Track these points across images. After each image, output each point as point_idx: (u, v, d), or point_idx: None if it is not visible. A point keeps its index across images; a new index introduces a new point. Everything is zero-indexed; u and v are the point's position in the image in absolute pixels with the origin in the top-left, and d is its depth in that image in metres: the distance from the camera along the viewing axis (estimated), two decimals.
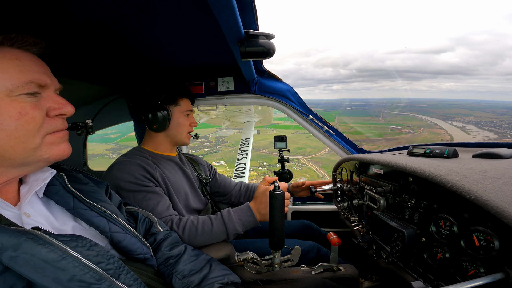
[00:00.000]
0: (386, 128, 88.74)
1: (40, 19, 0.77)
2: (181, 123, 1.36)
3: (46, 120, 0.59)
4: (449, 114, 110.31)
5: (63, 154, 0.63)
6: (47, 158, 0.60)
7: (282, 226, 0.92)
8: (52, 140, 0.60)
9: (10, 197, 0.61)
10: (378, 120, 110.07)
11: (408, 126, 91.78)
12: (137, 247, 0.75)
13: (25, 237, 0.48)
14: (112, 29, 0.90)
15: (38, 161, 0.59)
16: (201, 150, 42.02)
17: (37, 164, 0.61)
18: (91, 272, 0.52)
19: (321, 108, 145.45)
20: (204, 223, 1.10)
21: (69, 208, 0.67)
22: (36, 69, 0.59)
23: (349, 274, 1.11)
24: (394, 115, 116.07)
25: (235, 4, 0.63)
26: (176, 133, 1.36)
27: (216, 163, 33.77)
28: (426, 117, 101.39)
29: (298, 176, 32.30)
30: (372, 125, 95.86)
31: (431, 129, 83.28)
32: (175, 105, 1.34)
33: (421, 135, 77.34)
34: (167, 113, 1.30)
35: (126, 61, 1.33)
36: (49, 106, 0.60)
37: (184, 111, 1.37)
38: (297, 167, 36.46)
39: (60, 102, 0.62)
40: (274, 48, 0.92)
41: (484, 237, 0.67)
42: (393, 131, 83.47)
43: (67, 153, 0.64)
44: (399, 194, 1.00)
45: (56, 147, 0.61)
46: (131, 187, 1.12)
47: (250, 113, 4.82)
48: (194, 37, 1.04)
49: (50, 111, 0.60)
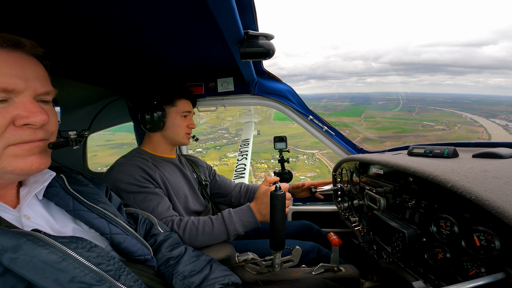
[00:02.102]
0: (418, 124, 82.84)
1: (40, 20, 0.77)
2: (177, 124, 1.35)
3: (10, 129, 0.52)
4: (493, 111, 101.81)
5: (29, 168, 0.55)
6: (11, 171, 0.54)
7: (283, 227, 0.92)
8: (15, 152, 0.53)
9: (9, 200, 0.61)
10: (411, 115, 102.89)
11: (443, 123, 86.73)
12: (138, 248, 0.74)
13: (25, 239, 0.48)
14: (112, 30, 0.90)
15: (4, 173, 0.54)
16: (220, 141, 41.69)
17: (7, 176, 0.55)
18: (92, 273, 0.52)
19: (349, 102, 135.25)
20: (204, 223, 1.10)
21: (69, 209, 0.67)
22: (7, 71, 0.52)
23: (350, 274, 1.11)
24: (431, 111, 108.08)
25: (234, 4, 0.63)
26: (172, 134, 1.35)
27: (230, 154, 33.76)
28: (466, 113, 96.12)
29: (307, 171, 31.38)
30: (402, 121, 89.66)
31: (469, 127, 79.64)
32: (171, 106, 1.33)
33: (456, 132, 74.07)
34: (162, 114, 1.29)
35: (126, 62, 1.33)
36: (16, 114, 0.52)
37: (181, 112, 1.35)
38: (310, 161, 35.60)
39: (30, 110, 0.53)
40: (273, 49, 0.92)
41: (485, 237, 0.67)
42: (424, 127, 79.45)
43: (35, 167, 0.56)
44: (400, 194, 1.00)
45: (20, 160, 0.54)
46: (131, 189, 1.12)
47: (250, 113, 4.82)
48: (194, 37, 1.04)
49: (17, 120, 0.52)
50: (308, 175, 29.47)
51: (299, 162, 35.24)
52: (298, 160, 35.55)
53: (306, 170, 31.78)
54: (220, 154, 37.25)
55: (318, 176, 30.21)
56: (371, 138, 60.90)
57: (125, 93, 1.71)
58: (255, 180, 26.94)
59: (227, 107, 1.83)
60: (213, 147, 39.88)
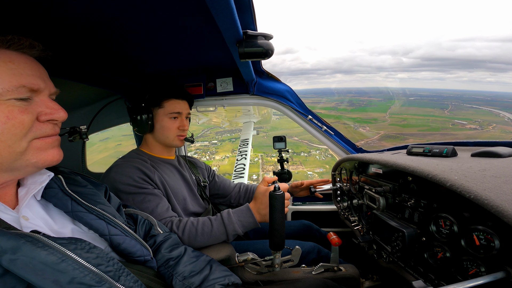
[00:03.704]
0: (448, 122, 78.91)
1: (39, 21, 0.77)
2: (165, 126, 1.31)
3: (36, 124, 0.58)
4: None
5: (52, 160, 0.61)
6: (34, 163, 0.59)
7: (283, 227, 0.92)
8: (39, 145, 0.59)
9: (8, 200, 0.61)
10: (443, 113, 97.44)
11: (476, 122, 79.92)
12: (137, 249, 0.74)
13: (23, 240, 0.48)
14: (110, 30, 0.90)
15: (26, 166, 0.58)
16: (236, 133, 41.13)
17: (26, 169, 0.60)
18: (91, 274, 0.52)
19: (375, 98, 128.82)
20: (204, 224, 1.10)
21: (67, 211, 0.67)
22: (30, 72, 0.58)
23: (350, 274, 1.11)
24: (466, 109, 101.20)
25: (233, 4, 0.63)
26: (161, 136, 1.33)
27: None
28: (505, 113, 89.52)
29: (316, 166, 30.73)
30: (431, 118, 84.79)
31: (505, 127, 76.05)
32: (159, 108, 1.31)
33: (489, 132, 69.83)
34: (148, 116, 1.28)
35: (125, 62, 1.32)
36: (40, 110, 0.59)
37: (168, 113, 1.31)
38: (321, 157, 34.44)
39: (52, 107, 0.60)
40: (272, 49, 0.92)
41: (484, 236, 0.67)
42: (454, 125, 75.83)
43: (56, 159, 0.62)
44: (399, 193, 1.00)
45: (43, 153, 0.60)
46: (130, 190, 1.12)
47: (249, 114, 4.82)
48: (193, 38, 1.04)
49: (41, 116, 0.59)
50: (316, 170, 29.05)
51: (311, 157, 34.46)
52: (310, 155, 34.75)
53: (316, 166, 31.18)
54: (234, 146, 36.69)
55: (327, 172, 29.74)
56: (392, 135, 57.46)
57: (124, 93, 1.71)
58: (262, 173, 26.70)
59: (226, 107, 1.83)
60: (228, 139, 39.42)
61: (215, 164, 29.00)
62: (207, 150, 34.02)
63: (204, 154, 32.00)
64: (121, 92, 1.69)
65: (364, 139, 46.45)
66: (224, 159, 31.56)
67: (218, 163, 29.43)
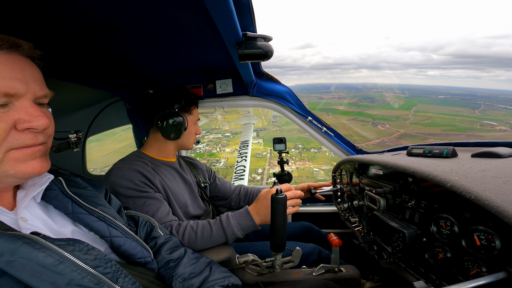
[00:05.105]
0: (477, 122, 71.86)
1: (37, 21, 0.77)
2: (191, 131, 1.39)
3: (13, 134, 0.52)
4: None
5: (32, 172, 0.55)
6: (13, 175, 0.54)
7: (284, 229, 0.92)
8: (17, 156, 0.53)
9: (6, 203, 0.60)
10: (473, 112, 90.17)
11: (507, 123, 74.50)
12: (138, 251, 0.74)
13: (21, 242, 0.48)
14: (110, 31, 0.90)
15: (6, 177, 0.54)
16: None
17: (7, 180, 0.55)
18: (89, 276, 0.51)
19: (402, 94, 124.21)
20: (203, 228, 1.10)
21: (68, 212, 0.67)
22: (8, 75, 0.51)
23: (351, 275, 1.10)
24: (499, 110, 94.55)
25: (232, 7, 0.63)
26: (185, 141, 1.38)
27: (254, 141, 33.26)
28: None
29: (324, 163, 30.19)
30: (459, 117, 78.62)
31: None
32: (189, 114, 1.35)
33: None
34: (184, 122, 1.29)
35: (125, 64, 1.33)
36: (18, 118, 0.52)
37: (195, 120, 1.40)
38: (331, 154, 34.64)
39: (32, 114, 0.53)
40: (272, 50, 0.92)
41: (485, 237, 0.67)
42: (483, 126, 69.21)
43: (37, 171, 0.56)
44: (399, 194, 1.00)
45: (22, 165, 0.54)
46: (130, 193, 1.11)
47: (249, 115, 4.82)
48: (192, 39, 1.04)
49: (18, 124, 0.52)
50: (323, 167, 28.83)
51: (320, 153, 34.20)
52: (320, 152, 34.67)
53: (324, 163, 30.84)
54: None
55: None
56: (412, 134, 52.95)
57: (124, 95, 1.71)
58: (268, 167, 26.35)
59: (225, 108, 1.83)
60: (241, 132, 39.59)
61: (224, 156, 28.77)
62: (219, 142, 33.82)
63: (215, 146, 31.79)
64: (121, 94, 1.69)
65: (380, 138, 44.22)
66: (234, 151, 31.47)
67: (227, 155, 29.15)
